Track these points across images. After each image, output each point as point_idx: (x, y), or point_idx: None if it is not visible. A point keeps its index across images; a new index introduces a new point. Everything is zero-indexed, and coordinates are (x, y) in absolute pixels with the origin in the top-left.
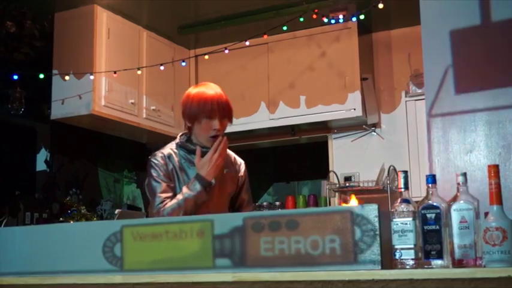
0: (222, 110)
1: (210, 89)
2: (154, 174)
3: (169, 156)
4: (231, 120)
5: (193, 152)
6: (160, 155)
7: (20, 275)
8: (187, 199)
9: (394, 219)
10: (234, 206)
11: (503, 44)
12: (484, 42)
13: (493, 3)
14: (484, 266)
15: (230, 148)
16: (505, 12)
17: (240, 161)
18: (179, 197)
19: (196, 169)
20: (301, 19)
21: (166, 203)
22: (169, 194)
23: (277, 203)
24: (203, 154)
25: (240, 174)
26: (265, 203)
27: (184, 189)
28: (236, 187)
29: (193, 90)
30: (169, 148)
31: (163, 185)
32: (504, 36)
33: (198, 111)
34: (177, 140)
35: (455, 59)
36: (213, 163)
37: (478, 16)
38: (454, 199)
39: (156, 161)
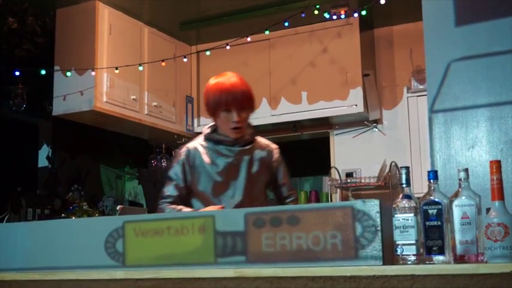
0: (239, 102)
1: (227, 81)
2: (170, 170)
3: (194, 150)
4: (251, 110)
5: (220, 143)
6: (184, 149)
7: (21, 270)
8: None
9: (396, 215)
10: (277, 193)
11: (505, 41)
12: (487, 39)
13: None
14: (486, 262)
15: None
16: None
17: (272, 147)
18: (182, 208)
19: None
20: (303, 15)
21: (168, 203)
22: (174, 194)
23: None
24: (230, 143)
25: (273, 160)
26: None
27: (187, 209)
28: (271, 175)
29: (210, 83)
30: (197, 141)
31: (173, 183)
32: (503, 36)
33: (215, 106)
34: (205, 132)
35: (457, 55)
36: None
37: (482, 14)
38: (456, 195)
39: (178, 157)
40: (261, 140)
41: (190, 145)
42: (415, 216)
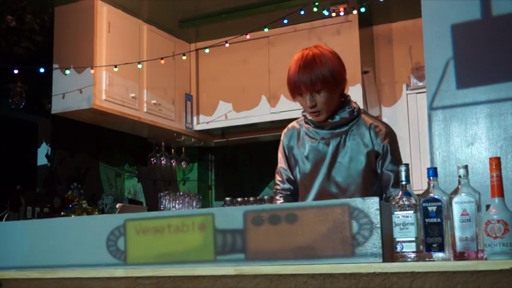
0: (309, 86)
1: (299, 61)
2: (278, 154)
3: (292, 130)
4: (332, 90)
5: (311, 125)
6: (285, 130)
7: (21, 269)
8: None
9: (396, 212)
10: (382, 184)
11: (504, 38)
12: (486, 36)
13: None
14: (486, 259)
15: (230, 142)
16: (506, 7)
17: (379, 128)
18: (278, 201)
19: None
20: (302, 12)
21: (277, 190)
22: (280, 178)
23: None
24: (318, 126)
25: (375, 144)
26: (266, 197)
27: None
28: (373, 160)
29: (291, 63)
30: (296, 121)
31: (279, 167)
32: (505, 30)
33: (290, 90)
34: (303, 112)
35: (457, 52)
36: None
37: (479, 10)
38: (456, 192)
39: (281, 137)
40: (367, 119)
41: (291, 125)
42: (414, 213)
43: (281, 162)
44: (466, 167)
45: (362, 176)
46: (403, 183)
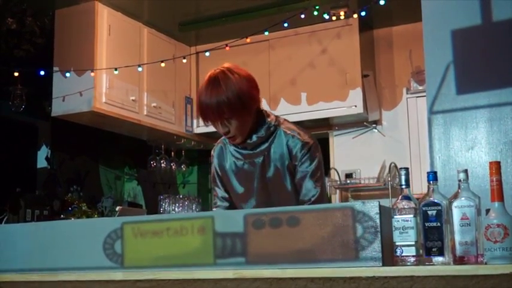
0: (218, 115)
1: (205, 91)
2: (211, 173)
3: (219, 149)
4: (242, 115)
5: (234, 145)
6: (214, 149)
7: (20, 272)
8: None
9: (395, 216)
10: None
11: (504, 43)
12: (486, 41)
13: (494, 2)
14: (486, 263)
15: None
16: (506, 12)
17: (295, 142)
18: None
19: None
20: (302, 16)
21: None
22: (217, 196)
23: None
24: (240, 147)
25: (292, 157)
26: None
27: None
28: (291, 172)
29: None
30: (221, 139)
31: (213, 186)
32: (505, 35)
33: (201, 117)
34: None
35: (457, 56)
36: None
37: (480, 15)
38: (455, 196)
39: (211, 159)
40: (285, 130)
41: (217, 144)
42: (414, 217)
43: (214, 181)
44: (466, 171)
45: (291, 188)
46: (403, 187)
